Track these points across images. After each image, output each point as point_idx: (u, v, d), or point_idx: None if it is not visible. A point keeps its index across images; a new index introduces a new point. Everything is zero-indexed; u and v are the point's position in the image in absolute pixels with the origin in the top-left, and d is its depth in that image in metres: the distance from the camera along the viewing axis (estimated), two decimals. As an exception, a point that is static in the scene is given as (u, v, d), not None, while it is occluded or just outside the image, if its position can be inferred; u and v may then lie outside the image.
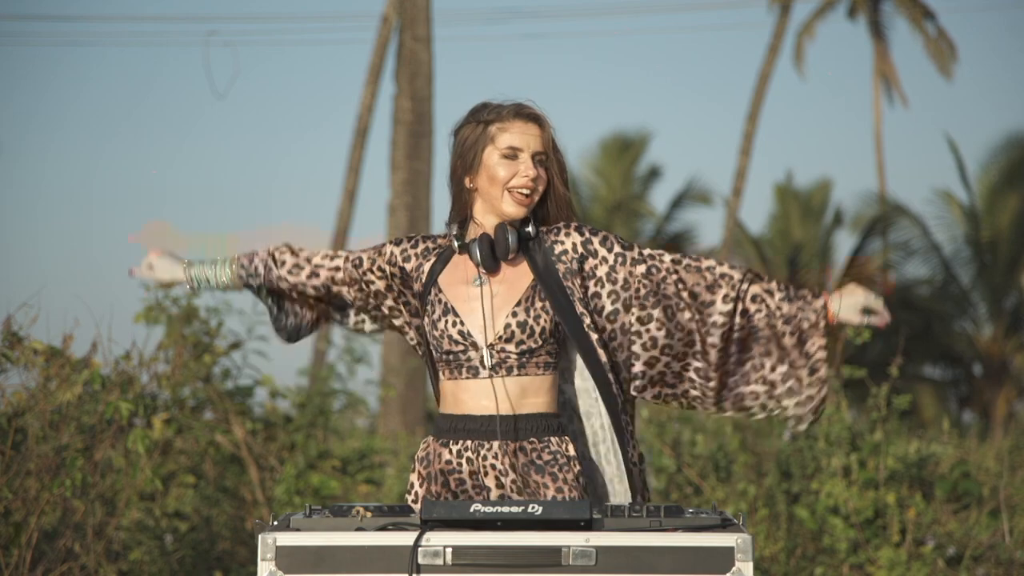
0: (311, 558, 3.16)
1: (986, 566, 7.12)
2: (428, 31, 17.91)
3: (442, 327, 3.64)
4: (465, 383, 3.64)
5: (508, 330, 3.61)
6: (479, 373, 3.62)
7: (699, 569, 3.15)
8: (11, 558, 5.73)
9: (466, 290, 3.66)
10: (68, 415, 6.00)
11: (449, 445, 3.64)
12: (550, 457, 3.61)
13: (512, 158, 3.65)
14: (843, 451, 7.27)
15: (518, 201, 3.64)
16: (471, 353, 3.62)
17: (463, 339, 3.62)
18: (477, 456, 3.62)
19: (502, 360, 3.62)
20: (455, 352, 3.64)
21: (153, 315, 7.66)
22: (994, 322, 26.99)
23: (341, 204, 19.40)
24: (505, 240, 3.63)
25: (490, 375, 3.61)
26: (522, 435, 3.61)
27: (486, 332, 3.62)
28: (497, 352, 3.61)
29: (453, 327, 3.63)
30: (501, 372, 3.61)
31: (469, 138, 3.68)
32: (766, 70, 25.30)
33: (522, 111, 3.67)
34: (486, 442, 3.61)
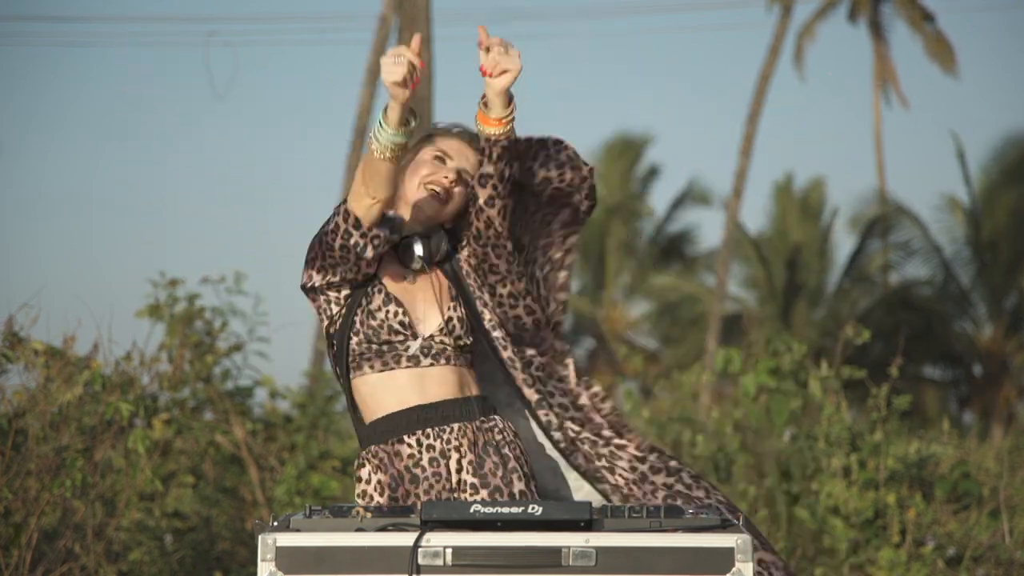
0: (311, 559, 3.16)
1: (986, 567, 7.12)
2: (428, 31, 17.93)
3: (381, 316, 3.65)
4: (401, 373, 3.65)
5: (450, 323, 3.68)
6: (420, 362, 3.65)
7: (699, 569, 3.15)
8: (11, 558, 5.73)
9: (403, 284, 3.71)
10: (68, 415, 6.00)
11: (405, 439, 3.65)
12: (500, 436, 3.68)
13: (440, 161, 3.74)
14: (843, 451, 7.27)
15: (429, 194, 3.71)
16: (410, 343, 3.66)
17: (403, 328, 3.65)
18: (440, 441, 3.65)
19: (441, 350, 3.67)
20: (392, 342, 3.65)
21: (156, 313, 7.67)
22: (994, 322, 27.00)
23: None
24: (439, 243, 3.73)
25: (431, 363, 3.66)
26: (473, 415, 3.67)
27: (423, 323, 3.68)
28: (436, 343, 3.66)
29: (395, 316, 3.65)
30: (441, 361, 3.67)
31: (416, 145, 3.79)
32: (767, 70, 25.31)
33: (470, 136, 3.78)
34: (446, 426, 3.65)
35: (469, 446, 3.65)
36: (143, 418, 6.77)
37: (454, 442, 3.65)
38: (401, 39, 18.15)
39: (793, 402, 7.66)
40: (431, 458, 3.65)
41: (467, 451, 3.65)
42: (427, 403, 3.65)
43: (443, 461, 3.65)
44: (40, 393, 5.92)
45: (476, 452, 3.65)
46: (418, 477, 3.64)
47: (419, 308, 3.70)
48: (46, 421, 5.89)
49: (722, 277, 25.16)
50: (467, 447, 3.65)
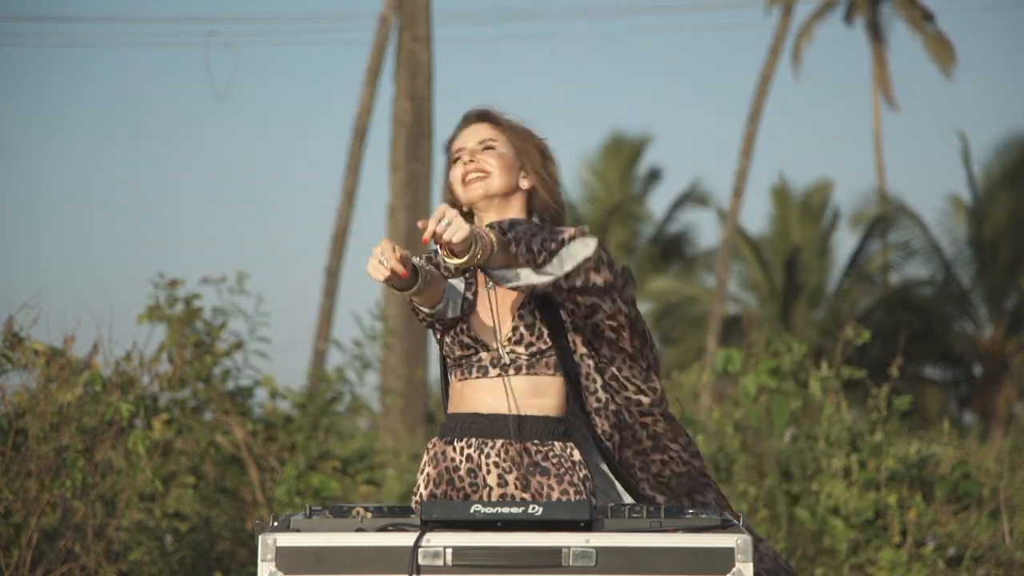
0: (311, 559, 3.16)
1: (986, 567, 7.12)
2: (428, 31, 17.93)
3: (453, 333, 3.67)
4: (475, 382, 3.66)
5: (517, 332, 3.65)
6: (488, 372, 3.65)
7: (699, 570, 3.15)
8: (11, 559, 5.73)
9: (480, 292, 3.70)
10: (69, 416, 6.00)
11: (453, 443, 3.66)
12: (556, 460, 3.63)
13: (458, 160, 3.76)
14: (843, 452, 7.27)
15: (469, 185, 3.71)
16: (482, 354, 3.66)
17: (473, 342, 3.66)
18: (480, 453, 3.63)
19: (512, 360, 3.65)
20: (466, 356, 3.67)
21: (156, 315, 7.67)
22: (994, 322, 27.00)
23: (340, 205, 19.40)
24: None
25: (500, 374, 3.64)
26: (526, 436, 3.62)
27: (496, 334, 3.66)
28: (507, 353, 3.65)
29: (463, 333, 3.66)
30: (511, 371, 3.65)
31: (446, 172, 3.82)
32: (767, 71, 25.30)
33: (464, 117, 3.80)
34: (489, 440, 3.63)
35: (513, 464, 3.62)
36: (143, 418, 6.77)
37: (494, 457, 3.63)
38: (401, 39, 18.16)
39: (793, 402, 7.66)
40: (469, 468, 3.63)
41: (511, 467, 3.62)
42: (480, 412, 3.65)
43: (480, 473, 3.63)
44: (40, 393, 5.92)
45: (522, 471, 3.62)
46: (455, 482, 3.64)
47: (488, 317, 3.68)
48: (46, 421, 5.88)
49: (722, 277, 25.15)
50: (510, 464, 3.62)
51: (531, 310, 3.66)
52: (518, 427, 3.62)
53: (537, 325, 3.65)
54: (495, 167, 3.72)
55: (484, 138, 3.74)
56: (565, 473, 3.61)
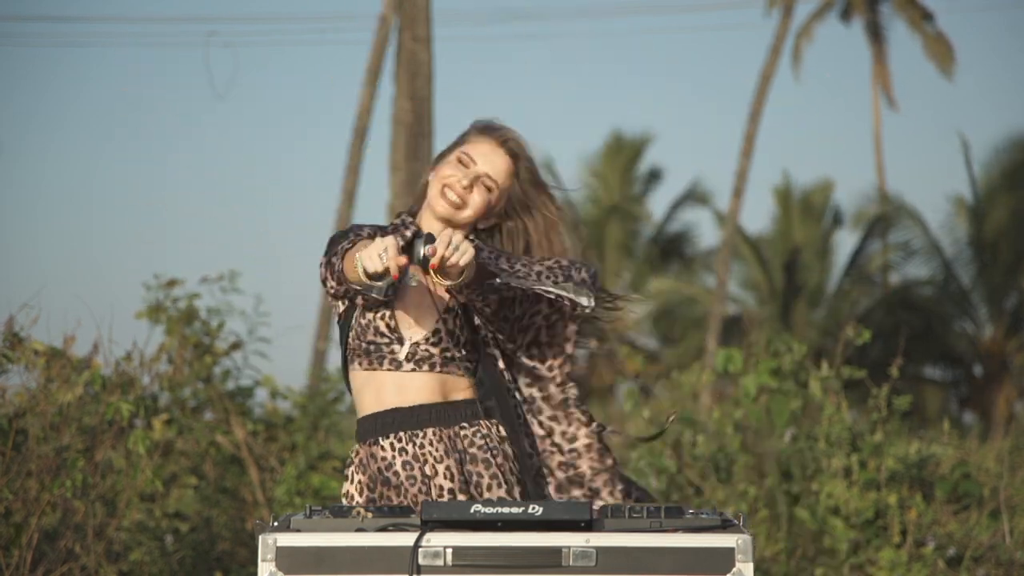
0: (311, 559, 3.16)
1: (986, 567, 7.12)
2: (428, 31, 17.92)
3: (370, 317, 3.63)
4: (383, 375, 3.63)
5: (437, 335, 3.63)
6: (401, 367, 3.63)
7: (699, 570, 3.15)
8: (12, 559, 5.73)
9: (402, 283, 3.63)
10: (69, 416, 6.00)
11: (379, 442, 3.63)
12: (482, 442, 3.63)
13: (462, 164, 3.69)
14: (843, 452, 7.27)
15: (446, 200, 3.66)
16: (395, 347, 3.63)
17: (389, 332, 3.63)
18: (412, 445, 3.62)
19: (426, 358, 3.63)
20: (378, 343, 3.63)
21: (155, 314, 7.67)
22: (995, 322, 27.00)
23: (340, 205, 19.40)
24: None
25: (413, 369, 3.62)
26: (452, 420, 3.63)
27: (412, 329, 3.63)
28: (422, 350, 3.63)
29: (382, 319, 3.62)
30: (424, 367, 3.63)
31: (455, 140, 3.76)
32: (768, 71, 25.30)
33: (501, 137, 3.71)
34: (419, 430, 3.62)
35: (446, 451, 3.62)
36: (143, 418, 6.77)
37: (428, 447, 3.62)
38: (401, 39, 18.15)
39: (793, 402, 7.66)
40: (404, 462, 3.62)
41: (443, 456, 3.62)
42: (403, 406, 3.63)
43: (416, 465, 3.62)
44: (40, 393, 5.92)
45: (454, 457, 3.62)
46: (390, 480, 3.62)
47: (412, 311, 3.64)
48: (46, 421, 5.88)
49: (722, 277, 25.15)
50: (443, 452, 3.62)
51: (454, 316, 3.64)
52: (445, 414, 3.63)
53: (456, 333, 3.64)
54: (475, 206, 3.67)
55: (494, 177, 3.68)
56: (493, 456, 3.63)
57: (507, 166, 3.70)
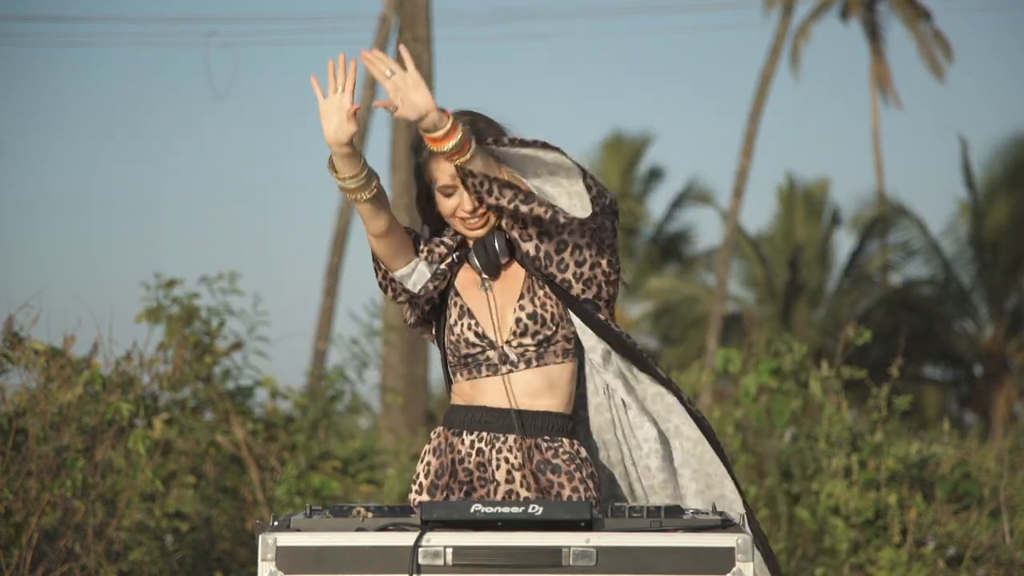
0: (311, 558, 3.16)
1: (986, 567, 7.12)
2: (428, 31, 17.92)
3: (459, 331, 3.68)
4: (484, 381, 3.68)
5: (520, 324, 3.66)
6: (498, 371, 3.66)
7: (699, 569, 3.15)
8: (12, 558, 5.73)
9: (477, 292, 3.72)
10: (69, 416, 6.00)
11: (462, 435, 3.67)
12: (566, 456, 3.64)
13: (449, 195, 3.71)
14: (844, 452, 7.27)
15: (470, 227, 3.72)
16: (489, 352, 3.67)
17: (479, 340, 3.67)
18: (491, 448, 3.64)
19: (521, 354, 3.66)
20: (473, 354, 3.68)
21: (155, 315, 7.67)
22: (995, 322, 26.99)
23: (341, 204, 19.41)
24: (495, 247, 3.69)
25: (510, 370, 3.65)
26: (535, 432, 3.64)
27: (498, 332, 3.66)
28: (514, 348, 3.66)
29: (469, 330, 3.68)
30: (521, 366, 3.65)
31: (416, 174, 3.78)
32: (768, 70, 25.29)
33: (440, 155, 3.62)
34: (501, 435, 3.64)
35: (523, 460, 3.63)
36: (143, 418, 6.77)
37: (505, 452, 3.64)
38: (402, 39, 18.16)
39: (794, 402, 7.66)
40: (479, 462, 3.65)
41: (521, 464, 3.63)
42: (490, 407, 3.66)
43: (490, 468, 3.64)
44: (40, 393, 5.92)
45: (531, 467, 3.63)
46: (458, 475, 3.65)
47: (494, 315, 3.69)
48: (46, 421, 5.88)
49: (722, 277, 25.14)
50: (521, 460, 3.63)
51: (531, 296, 3.68)
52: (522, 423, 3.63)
53: (538, 312, 3.66)
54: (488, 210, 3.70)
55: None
56: (576, 470, 3.62)
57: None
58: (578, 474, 3.62)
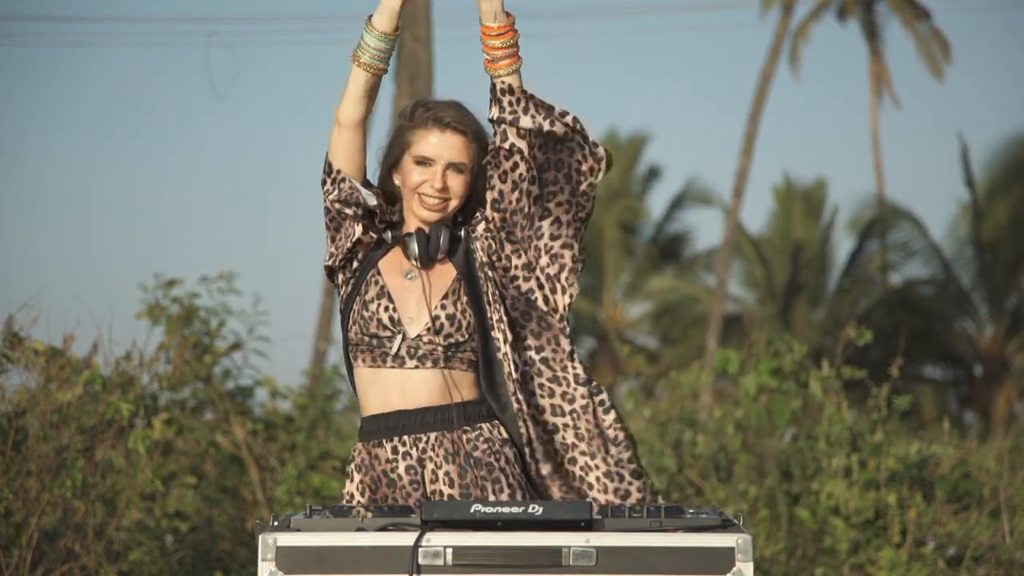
0: (311, 558, 3.16)
1: (986, 567, 7.12)
2: (428, 32, 17.92)
3: (373, 308, 3.63)
4: (388, 373, 3.62)
5: (437, 322, 3.61)
6: (404, 363, 3.61)
7: (699, 569, 3.15)
8: (12, 558, 5.73)
9: (400, 280, 3.66)
10: (69, 415, 6.00)
11: (383, 444, 3.62)
12: (485, 446, 3.61)
13: (424, 165, 3.67)
14: (844, 452, 7.27)
15: (427, 207, 3.66)
16: (396, 340, 3.62)
17: (392, 325, 3.62)
18: (416, 449, 3.61)
19: (429, 352, 3.62)
20: (380, 337, 3.62)
21: (154, 314, 7.67)
22: (995, 322, 27.00)
23: (341, 205, 19.39)
24: (438, 241, 3.66)
25: (417, 366, 3.61)
26: (455, 424, 3.61)
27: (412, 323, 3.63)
28: (424, 343, 3.62)
29: (384, 311, 3.62)
30: (427, 364, 3.62)
31: (395, 136, 3.72)
32: (768, 70, 25.30)
33: (440, 120, 3.67)
34: (423, 435, 3.61)
35: (446, 456, 3.61)
36: (143, 418, 6.77)
37: (430, 452, 3.61)
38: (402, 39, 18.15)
39: (794, 402, 7.65)
40: (408, 466, 3.61)
41: (443, 462, 3.61)
42: (406, 409, 3.61)
43: (419, 469, 3.61)
44: (40, 393, 5.92)
45: (457, 463, 3.61)
46: (395, 483, 3.61)
47: (412, 306, 3.65)
48: (46, 421, 5.88)
49: (722, 277, 25.14)
50: (443, 457, 3.61)
51: (455, 300, 3.64)
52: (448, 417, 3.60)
53: (456, 316, 3.62)
54: (458, 194, 3.67)
55: (458, 160, 3.66)
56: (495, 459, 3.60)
57: (462, 142, 3.67)
58: (498, 463, 3.60)
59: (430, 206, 3.66)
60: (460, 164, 3.67)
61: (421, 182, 3.66)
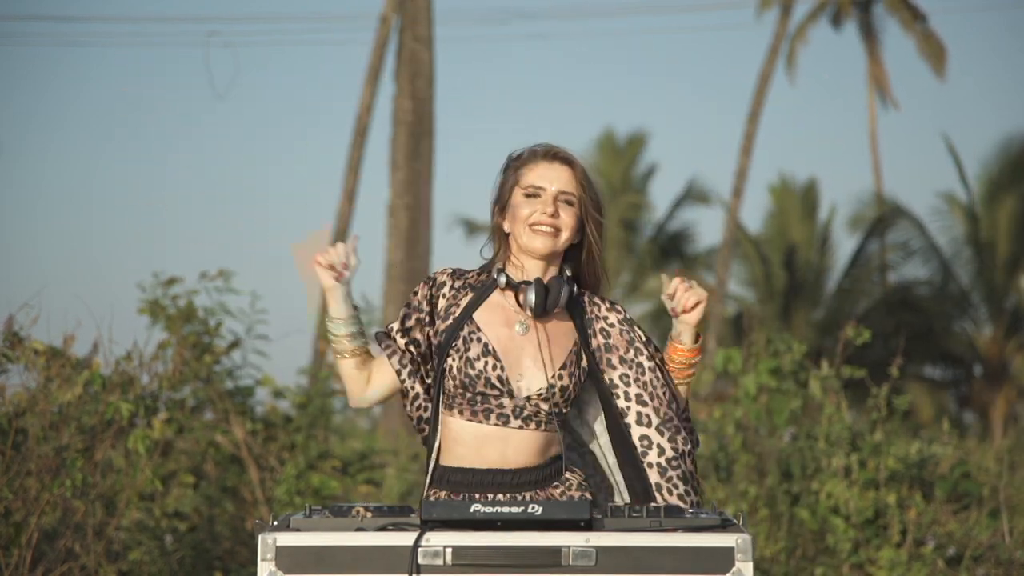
0: (311, 558, 3.16)
1: (986, 566, 7.12)
2: (429, 31, 17.93)
3: (480, 367, 3.54)
4: (489, 430, 3.55)
5: (551, 390, 3.56)
6: (509, 422, 3.55)
7: (699, 569, 3.15)
8: (11, 558, 5.73)
9: (507, 333, 3.59)
10: (69, 415, 6.00)
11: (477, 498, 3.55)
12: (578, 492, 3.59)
13: (534, 196, 3.62)
14: (843, 451, 7.27)
15: (540, 234, 3.60)
16: (504, 400, 3.55)
17: (500, 385, 3.55)
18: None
19: (533, 414, 3.56)
20: (487, 395, 3.55)
21: (154, 310, 7.66)
22: (994, 323, 26.99)
23: (340, 204, 19.42)
24: (559, 290, 3.59)
25: (521, 426, 3.55)
26: (548, 482, 3.58)
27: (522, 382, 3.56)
28: (531, 405, 3.56)
29: (493, 370, 3.54)
30: (531, 425, 3.56)
31: (503, 182, 3.68)
32: (767, 71, 25.31)
33: (549, 151, 3.65)
34: (519, 494, 3.56)
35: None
36: (143, 418, 6.77)
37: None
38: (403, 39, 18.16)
39: (793, 402, 7.66)
40: None
41: None
42: (506, 468, 3.55)
43: None
44: (40, 393, 5.92)
45: None
46: None
47: (523, 363, 3.57)
48: (46, 421, 5.88)
49: (722, 276, 25.16)
50: None
51: (572, 371, 3.59)
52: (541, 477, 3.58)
53: (569, 388, 3.57)
54: (568, 226, 3.62)
55: (568, 190, 3.62)
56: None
57: (569, 174, 3.64)
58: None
59: (543, 234, 3.59)
60: (569, 195, 3.63)
61: (532, 212, 3.61)
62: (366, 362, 3.63)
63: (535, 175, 3.63)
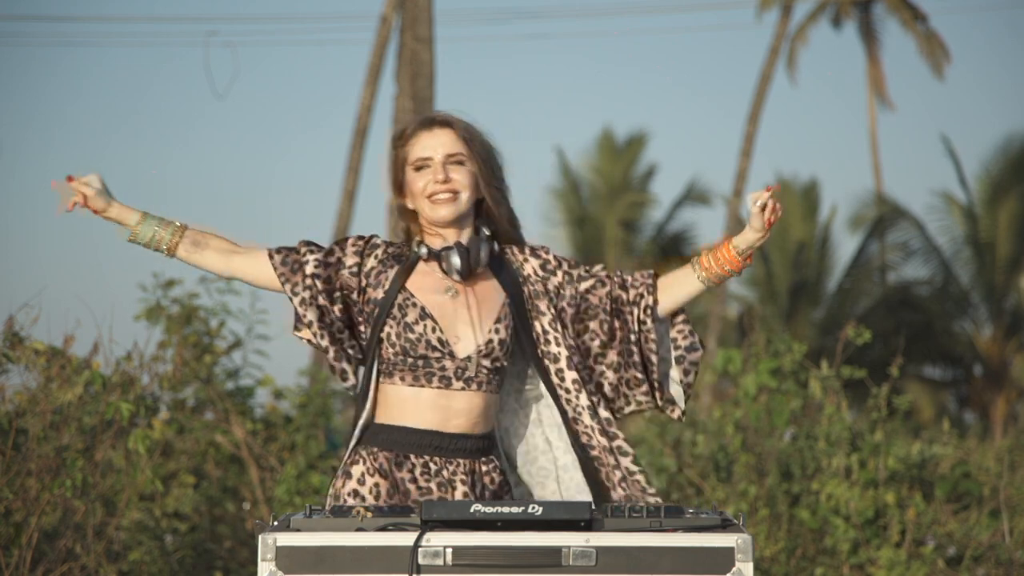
0: (311, 558, 3.16)
1: (986, 566, 7.12)
2: (430, 31, 17.92)
3: (420, 331, 3.57)
4: (430, 392, 3.59)
5: (489, 346, 3.60)
6: (451, 384, 3.58)
7: (699, 569, 3.16)
8: (11, 558, 5.73)
9: (440, 299, 3.62)
10: (69, 415, 6.00)
11: (410, 457, 3.60)
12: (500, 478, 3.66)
13: (424, 167, 3.65)
14: (844, 451, 7.27)
15: (439, 203, 3.63)
16: (445, 362, 3.58)
17: (441, 347, 3.58)
18: (446, 470, 3.61)
19: (475, 375, 3.60)
20: (429, 358, 3.58)
21: (153, 314, 7.67)
22: (994, 323, 27.00)
23: (340, 205, 19.41)
24: (478, 251, 3.63)
25: (462, 387, 3.59)
26: (479, 454, 3.64)
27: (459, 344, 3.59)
28: (472, 365, 3.59)
29: (433, 332, 3.58)
30: (472, 386, 3.60)
31: (393, 161, 3.71)
32: (767, 71, 25.30)
33: (425, 120, 3.67)
34: (453, 460, 3.60)
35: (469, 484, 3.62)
36: (143, 418, 6.77)
37: (459, 475, 3.61)
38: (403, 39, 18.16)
39: (793, 402, 7.66)
40: (439, 483, 3.60)
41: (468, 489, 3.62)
42: (445, 432, 3.59)
43: (449, 488, 3.61)
44: (40, 393, 5.92)
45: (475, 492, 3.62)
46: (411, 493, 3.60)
47: (458, 327, 3.61)
48: (46, 421, 5.88)
49: (722, 277, 25.09)
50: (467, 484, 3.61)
51: (506, 324, 3.62)
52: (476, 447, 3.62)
53: (507, 342, 3.61)
54: (465, 185, 3.64)
55: (453, 151, 3.64)
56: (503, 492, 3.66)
57: (451, 135, 3.65)
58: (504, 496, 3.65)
59: (440, 200, 3.62)
60: (457, 155, 3.65)
61: (425, 184, 3.64)
62: (198, 241, 3.72)
63: (419, 147, 3.65)
